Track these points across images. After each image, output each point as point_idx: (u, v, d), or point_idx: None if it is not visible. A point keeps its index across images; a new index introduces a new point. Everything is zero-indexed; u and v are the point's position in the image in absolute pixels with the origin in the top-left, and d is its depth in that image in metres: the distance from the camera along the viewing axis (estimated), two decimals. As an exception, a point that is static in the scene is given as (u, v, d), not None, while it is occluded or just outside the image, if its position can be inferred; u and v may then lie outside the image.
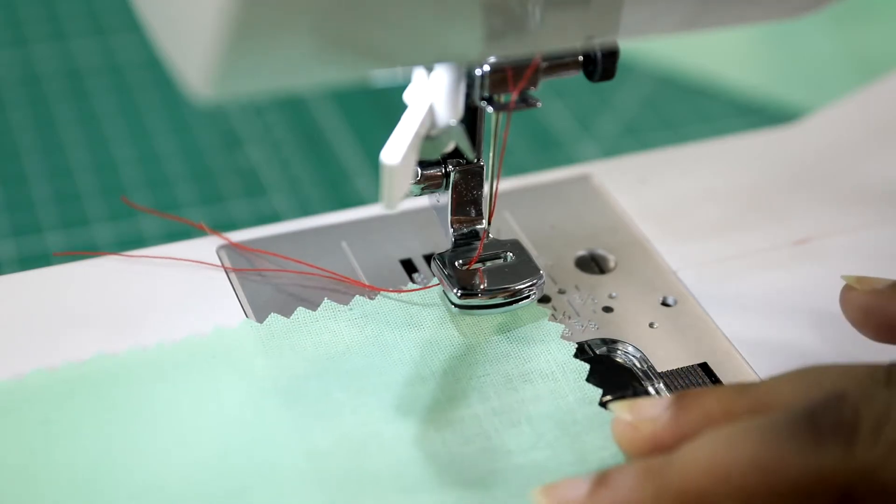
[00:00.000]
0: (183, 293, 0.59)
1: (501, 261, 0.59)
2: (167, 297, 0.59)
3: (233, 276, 0.61)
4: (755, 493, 0.45)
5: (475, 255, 0.59)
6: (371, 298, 0.59)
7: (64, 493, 0.49)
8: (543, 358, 0.56)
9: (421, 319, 0.58)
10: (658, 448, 0.49)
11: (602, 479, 0.48)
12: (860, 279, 0.56)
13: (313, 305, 0.58)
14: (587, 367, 0.56)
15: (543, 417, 0.53)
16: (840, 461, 0.45)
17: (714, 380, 0.57)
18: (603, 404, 0.54)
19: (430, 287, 0.59)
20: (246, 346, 0.56)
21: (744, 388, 0.50)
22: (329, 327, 0.57)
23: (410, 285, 0.60)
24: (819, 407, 0.46)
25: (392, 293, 0.59)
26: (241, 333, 0.57)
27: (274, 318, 0.57)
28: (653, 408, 0.50)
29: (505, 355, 0.56)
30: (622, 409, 0.51)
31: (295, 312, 0.58)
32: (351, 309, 0.58)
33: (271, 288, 0.60)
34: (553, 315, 0.59)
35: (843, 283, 0.56)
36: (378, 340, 0.57)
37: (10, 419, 0.52)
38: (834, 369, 0.49)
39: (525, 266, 0.59)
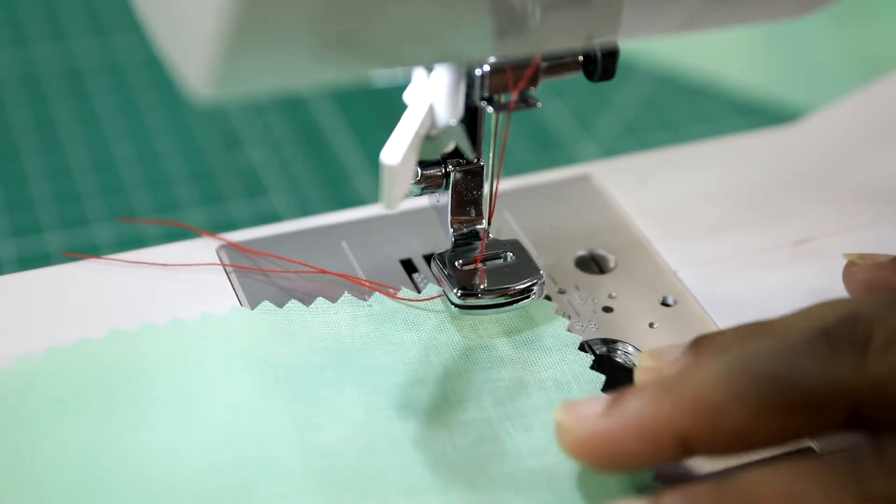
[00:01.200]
0: (183, 293, 0.59)
1: (501, 261, 0.59)
2: (167, 298, 0.59)
3: (233, 276, 0.61)
4: (767, 404, 0.46)
5: (475, 255, 0.59)
6: (388, 297, 0.59)
7: (69, 478, 0.49)
8: (559, 368, 0.56)
9: (437, 321, 0.58)
10: None
11: (620, 395, 0.48)
12: (862, 255, 0.57)
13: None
14: (603, 378, 0.55)
15: None
16: (851, 373, 0.46)
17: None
18: None
19: (434, 298, 0.59)
20: (261, 329, 0.56)
21: (759, 323, 0.51)
22: (346, 321, 0.57)
23: (409, 293, 0.59)
24: (833, 324, 0.47)
25: (400, 300, 0.59)
26: (258, 317, 0.57)
27: (294, 305, 0.57)
28: (673, 352, 0.51)
29: (521, 361, 0.56)
30: (644, 358, 0.52)
31: (315, 302, 0.58)
32: (370, 305, 0.58)
33: (272, 288, 0.60)
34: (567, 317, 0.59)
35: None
36: (394, 339, 0.56)
37: (23, 398, 0.52)
38: (848, 299, 0.51)
39: (525, 266, 0.59)
